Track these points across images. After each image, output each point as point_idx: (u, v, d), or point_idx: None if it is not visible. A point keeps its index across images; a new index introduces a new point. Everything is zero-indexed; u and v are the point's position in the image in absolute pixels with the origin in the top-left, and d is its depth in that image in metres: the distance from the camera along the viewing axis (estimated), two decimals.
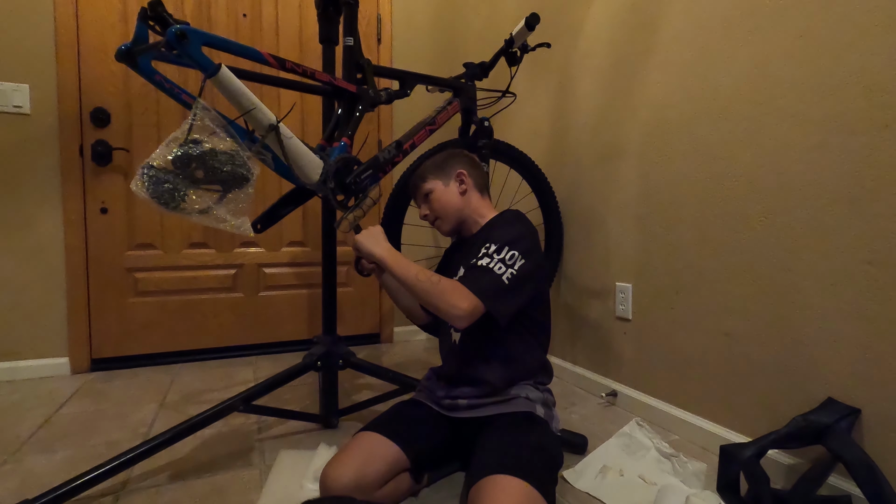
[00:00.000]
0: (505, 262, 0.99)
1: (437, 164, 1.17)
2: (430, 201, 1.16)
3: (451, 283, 0.98)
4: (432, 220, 1.17)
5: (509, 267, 0.99)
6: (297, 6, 2.20)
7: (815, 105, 1.08)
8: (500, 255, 1.00)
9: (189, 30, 0.93)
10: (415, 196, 1.20)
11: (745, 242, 1.23)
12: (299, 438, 1.36)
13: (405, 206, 1.53)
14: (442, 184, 1.15)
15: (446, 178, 1.16)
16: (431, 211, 1.16)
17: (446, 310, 0.95)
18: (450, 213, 1.15)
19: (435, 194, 1.15)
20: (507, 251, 1.00)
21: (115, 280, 1.99)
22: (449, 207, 1.15)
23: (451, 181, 1.16)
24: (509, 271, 0.99)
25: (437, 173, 1.16)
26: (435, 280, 0.97)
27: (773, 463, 1.11)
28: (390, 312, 2.44)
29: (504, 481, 0.83)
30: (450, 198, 1.15)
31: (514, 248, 1.01)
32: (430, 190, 1.15)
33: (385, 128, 2.37)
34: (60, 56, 1.84)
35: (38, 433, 1.39)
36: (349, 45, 1.35)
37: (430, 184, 1.16)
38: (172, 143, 0.91)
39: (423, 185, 1.17)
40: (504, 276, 0.98)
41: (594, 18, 1.71)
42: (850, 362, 1.03)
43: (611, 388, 1.62)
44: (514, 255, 1.00)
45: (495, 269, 0.99)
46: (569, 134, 1.85)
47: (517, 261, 1.00)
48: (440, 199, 1.15)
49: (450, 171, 1.16)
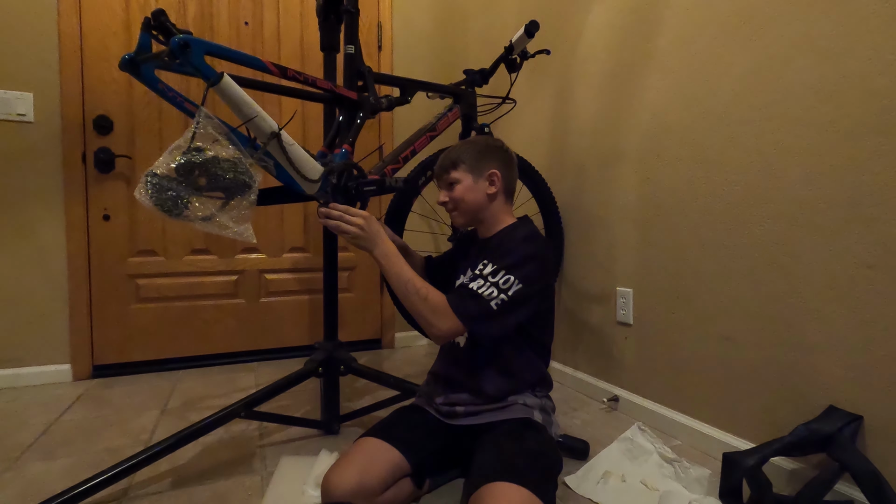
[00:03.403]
0: (498, 286, 0.98)
1: (473, 155, 1.09)
2: (453, 190, 1.09)
3: (439, 300, 0.98)
4: (450, 209, 1.12)
5: (502, 292, 0.98)
6: (299, 14, 2.21)
7: (814, 110, 1.08)
8: (495, 279, 0.98)
9: (192, 39, 0.95)
10: (438, 177, 1.13)
11: (746, 247, 1.23)
12: (301, 445, 1.36)
13: (411, 200, 1.54)
14: (472, 178, 1.08)
15: (478, 173, 1.08)
16: (451, 200, 1.10)
17: (426, 326, 0.99)
18: (470, 210, 1.10)
19: (461, 186, 1.08)
20: (503, 275, 0.98)
21: (117, 286, 1.99)
22: (472, 204, 1.09)
23: (482, 179, 1.09)
24: (501, 296, 0.97)
25: (470, 164, 1.09)
26: (423, 294, 0.98)
27: (775, 468, 1.11)
28: (392, 318, 2.44)
29: (503, 489, 0.82)
30: (476, 196, 1.09)
31: (512, 272, 0.99)
32: (457, 180, 1.09)
33: (386, 134, 2.38)
34: (64, 64, 1.86)
35: (39, 440, 1.39)
36: (350, 53, 1.36)
37: (459, 173, 1.09)
38: (175, 151, 0.92)
39: (451, 172, 1.09)
40: (493, 302, 0.97)
41: (593, 25, 1.72)
42: (851, 367, 1.03)
43: (612, 394, 1.62)
44: (510, 280, 0.98)
45: (485, 293, 0.97)
46: (568, 139, 1.85)
47: (512, 286, 0.98)
48: (465, 194, 1.09)
49: (484, 168, 1.09)
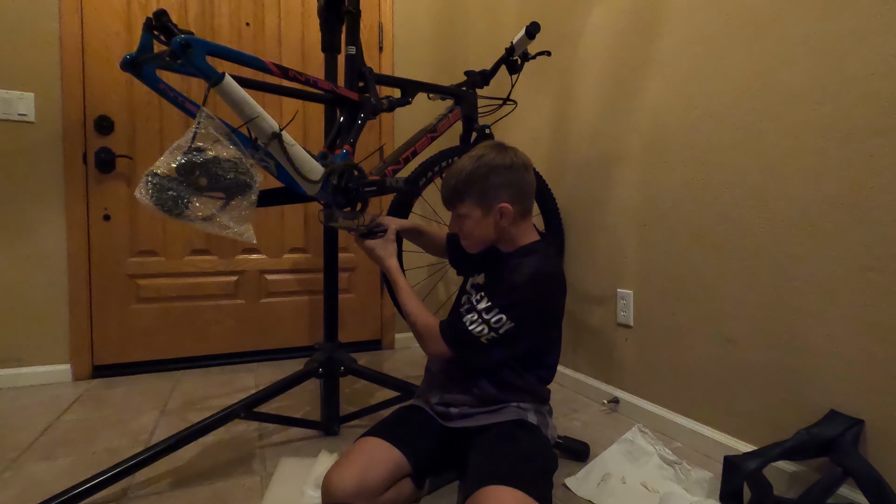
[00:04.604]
0: (489, 325, 0.99)
1: (480, 188, 1.02)
2: (462, 223, 1.07)
3: (432, 325, 1.05)
4: (461, 238, 1.10)
5: (493, 330, 0.99)
6: (300, 15, 2.22)
7: (814, 112, 1.08)
8: (487, 317, 0.99)
9: (193, 39, 0.95)
10: (446, 206, 1.09)
11: (746, 249, 1.23)
12: (300, 445, 1.36)
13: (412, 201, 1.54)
14: (480, 213, 1.04)
15: (486, 207, 1.03)
16: (461, 231, 1.09)
17: (421, 346, 1.08)
18: (481, 242, 1.08)
19: (470, 222, 1.05)
20: (496, 314, 0.98)
21: (118, 287, 1.99)
22: (483, 237, 1.07)
23: (491, 214, 1.03)
24: (491, 334, 0.99)
25: (477, 199, 1.03)
26: (422, 319, 1.07)
27: (776, 470, 1.11)
28: (392, 319, 2.44)
29: (497, 492, 0.82)
30: (484, 230, 1.06)
31: (506, 312, 0.98)
32: (465, 215, 1.05)
33: (387, 135, 2.38)
34: (65, 64, 1.86)
35: (39, 440, 1.39)
36: (351, 54, 1.36)
37: (467, 208, 1.04)
38: (176, 151, 0.92)
39: (458, 206, 1.05)
40: (483, 338, 1.00)
41: (594, 27, 1.73)
42: (852, 369, 1.02)
43: (612, 395, 1.62)
44: (502, 319, 0.98)
45: (475, 330, 0.99)
46: (569, 141, 1.85)
47: (503, 325, 0.98)
48: (474, 230, 1.06)
49: (492, 201, 1.02)
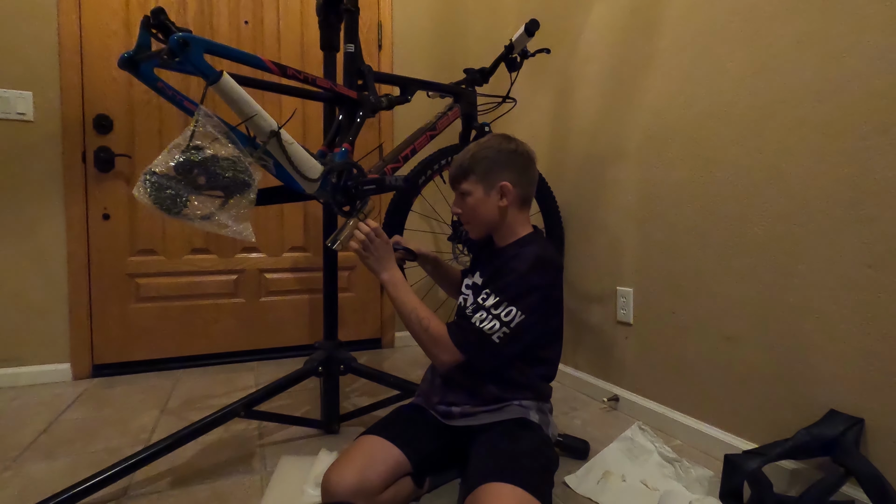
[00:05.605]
0: (500, 319, 0.97)
1: (485, 166, 1.06)
2: (464, 202, 1.09)
3: (439, 330, 1.00)
4: (464, 222, 1.12)
5: (504, 325, 0.97)
6: (299, 13, 2.21)
7: (814, 110, 1.08)
8: (497, 311, 0.97)
9: (191, 37, 0.94)
10: (451, 184, 1.12)
11: (746, 247, 1.23)
12: (300, 444, 1.36)
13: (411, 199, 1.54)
14: (483, 190, 1.07)
15: (488, 185, 1.06)
16: (464, 212, 1.10)
17: (427, 354, 1.04)
18: (482, 224, 1.10)
19: (472, 199, 1.08)
20: (506, 307, 0.97)
21: (117, 286, 1.99)
22: (483, 218, 1.09)
23: (493, 191, 1.06)
24: (503, 329, 0.97)
25: (480, 176, 1.06)
26: (425, 325, 1.01)
27: (776, 468, 1.11)
28: (391, 317, 2.44)
29: (498, 489, 0.83)
30: (487, 209, 1.08)
31: (516, 303, 0.97)
32: (468, 192, 1.08)
33: (386, 133, 2.38)
34: (64, 63, 1.85)
35: (39, 439, 1.39)
36: (350, 52, 1.36)
37: (470, 184, 1.07)
38: (175, 150, 0.91)
39: (462, 183, 1.08)
40: (495, 335, 0.97)
41: (593, 24, 1.72)
42: (852, 367, 1.02)
43: (612, 393, 1.62)
44: (512, 311, 0.97)
45: (486, 327, 0.97)
46: (569, 139, 1.85)
47: (515, 317, 0.97)
48: (475, 207, 1.08)
49: (494, 180, 1.06)
